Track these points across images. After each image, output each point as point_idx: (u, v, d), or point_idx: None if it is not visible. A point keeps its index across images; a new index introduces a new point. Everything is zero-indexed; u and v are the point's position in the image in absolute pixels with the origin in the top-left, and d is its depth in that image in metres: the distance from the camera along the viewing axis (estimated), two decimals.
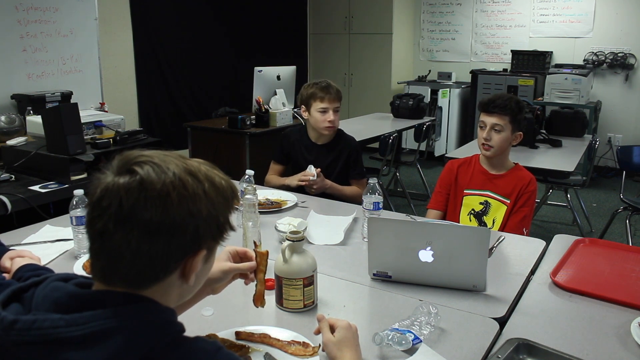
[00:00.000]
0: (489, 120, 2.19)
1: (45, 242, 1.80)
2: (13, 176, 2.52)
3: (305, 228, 1.80)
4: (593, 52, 5.90)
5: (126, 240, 0.75)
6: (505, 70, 6.30)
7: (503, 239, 1.87)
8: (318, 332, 1.18)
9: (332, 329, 1.13)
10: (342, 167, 2.68)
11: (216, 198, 0.81)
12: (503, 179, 2.24)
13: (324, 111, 2.57)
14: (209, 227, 0.81)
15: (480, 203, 2.25)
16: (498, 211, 2.21)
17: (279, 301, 1.39)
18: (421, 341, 1.21)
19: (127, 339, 0.72)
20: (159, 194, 0.75)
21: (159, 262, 0.78)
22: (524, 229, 2.13)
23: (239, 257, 1.21)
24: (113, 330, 0.72)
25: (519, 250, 1.81)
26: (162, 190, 0.75)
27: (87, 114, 3.34)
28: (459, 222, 2.26)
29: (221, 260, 1.17)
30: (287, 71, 4.49)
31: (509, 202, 2.20)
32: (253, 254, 1.20)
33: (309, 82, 2.67)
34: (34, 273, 1.19)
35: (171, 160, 0.80)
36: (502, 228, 2.18)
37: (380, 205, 1.83)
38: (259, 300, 1.22)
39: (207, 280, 1.14)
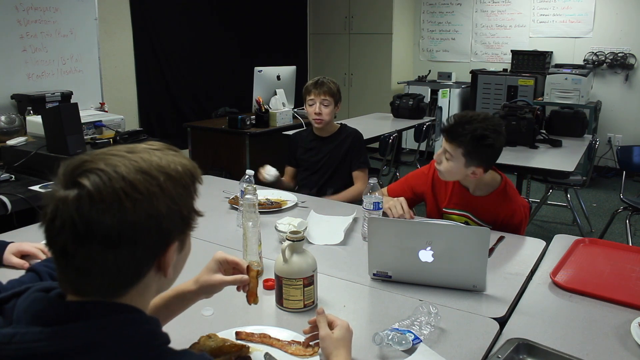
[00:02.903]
0: (444, 142, 1.93)
1: None
2: (13, 176, 2.52)
3: (305, 228, 1.80)
4: (593, 52, 5.90)
5: (89, 257, 0.72)
6: (505, 70, 6.30)
7: (503, 239, 1.87)
8: (310, 333, 1.18)
9: (330, 326, 1.13)
10: (343, 156, 2.76)
11: (175, 190, 0.77)
12: (484, 202, 2.00)
13: (311, 104, 2.71)
14: (172, 223, 0.78)
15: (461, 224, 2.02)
16: None
17: (279, 301, 1.39)
18: (421, 341, 1.21)
19: (110, 353, 0.71)
20: (111, 205, 0.71)
21: (128, 270, 0.75)
22: None
23: (230, 267, 1.18)
24: (96, 344, 0.70)
25: (519, 250, 1.81)
26: (113, 199, 0.71)
27: (87, 114, 3.35)
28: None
29: (210, 271, 1.14)
30: (287, 71, 4.49)
31: (490, 227, 1.94)
32: (244, 266, 1.18)
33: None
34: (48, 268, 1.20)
35: (118, 161, 0.74)
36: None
37: (381, 205, 1.83)
38: (251, 297, 1.20)
39: (198, 291, 1.13)
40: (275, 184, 2.58)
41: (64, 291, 0.77)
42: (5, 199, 2.21)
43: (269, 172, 2.53)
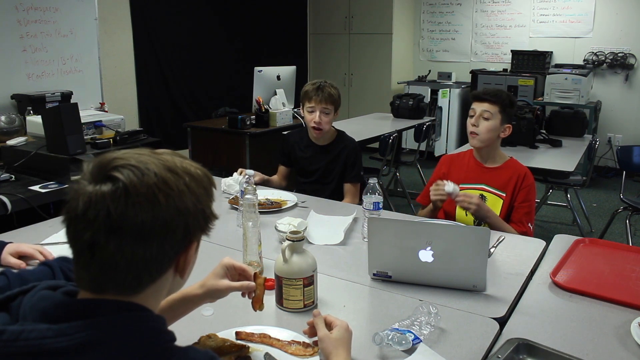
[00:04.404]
0: (479, 107, 2.20)
1: (65, 242, 1.78)
2: (13, 176, 2.52)
3: (305, 228, 1.80)
4: (593, 52, 5.90)
5: (120, 249, 0.73)
6: (505, 70, 6.30)
7: (503, 239, 1.87)
8: (310, 333, 1.18)
9: (329, 327, 1.13)
10: (341, 169, 2.65)
11: (198, 190, 0.81)
12: (497, 171, 2.23)
13: (311, 111, 2.56)
14: (197, 221, 0.81)
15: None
16: (494, 205, 2.19)
17: (279, 301, 1.39)
18: (421, 341, 1.21)
19: (117, 350, 0.71)
20: (146, 198, 0.74)
21: (154, 265, 0.77)
22: (529, 224, 2.13)
23: (237, 273, 1.19)
24: (102, 340, 0.71)
25: (519, 250, 1.81)
26: (148, 193, 0.74)
27: (87, 114, 3.35)
28: (455, 217, 2.25)
29: (217, 276, 1.16)
30: (287, 71, 4.49)
31: (504, 195, 2.19)
32: (251, 273, 1.20)
33: (310, 81, 2.66)
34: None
35: (147, 159, 0.77)
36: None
37: (380, 205, 1.83)
38: (257, 304, 1.21)
39: (203, 295, 1.14)
40: (265, 184, 2.53)
41: (80, 288, 0.78)
42: (5, 199, 2.21)
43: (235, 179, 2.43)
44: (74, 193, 0.75)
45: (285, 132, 3.51)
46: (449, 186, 2.03)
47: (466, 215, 2.23)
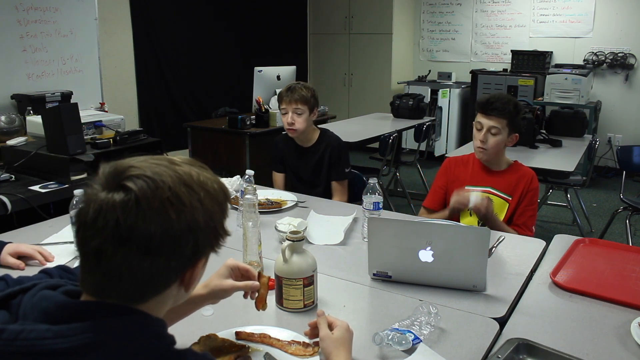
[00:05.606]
0: (487, 122, 2.15)
1: (65, 242, 1.79)
2: (13, 176, 2.52)
3: (305, 228, 1.80)
4: (593, 52, 5.90)
5: (126, 261, 0.73)
6: (505, 70, 6.30)
7: (503, 239, 1.87)
8: (311, 334, 1.18)
9: (329, 327, 1.13)
10: (327, 168, 2.62)
11: (212, 207, 0.80)
12: (504, 175, 2.23)
13: (284, 112, 2.55)
14: (207, 238, 0.80)
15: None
16: (501, 208, 2.19)
17: (279, 301, 1.39)
18: (421, 341, 1.21)
19: (116, 352, 0.71)
20: (157, 212, 0.73)
21: (158, 278, 0.77)
22: (532, 227, 2.14)
23: (240, 273, 1.20)
24: (101, 343, 0.71)
25: (519, 250, 1.81)
26: (160, 207, 0.73)
27: (87, 114, 3.34)
28: (459, 219, 2.26)
29: (222, 276, 1.16)
30: (287, 71, 4.49)
31: (510, 198, 2.19)
32: (255, 273, 1.20)
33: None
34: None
35: (163, 170, 0.76)
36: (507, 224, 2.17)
37: (380, 205, 1.83)
38: (261, 303, 1.22)
39: (207, 296, 1.14)
40: None
41: (83, 291, 0.78)
42: (5, 199, 2.21)
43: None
44: (86, 198, 0.75)
45: (283, 132, 3.48)
46: (474, 197, 2.03)
47: (470, 215, 2.23)
